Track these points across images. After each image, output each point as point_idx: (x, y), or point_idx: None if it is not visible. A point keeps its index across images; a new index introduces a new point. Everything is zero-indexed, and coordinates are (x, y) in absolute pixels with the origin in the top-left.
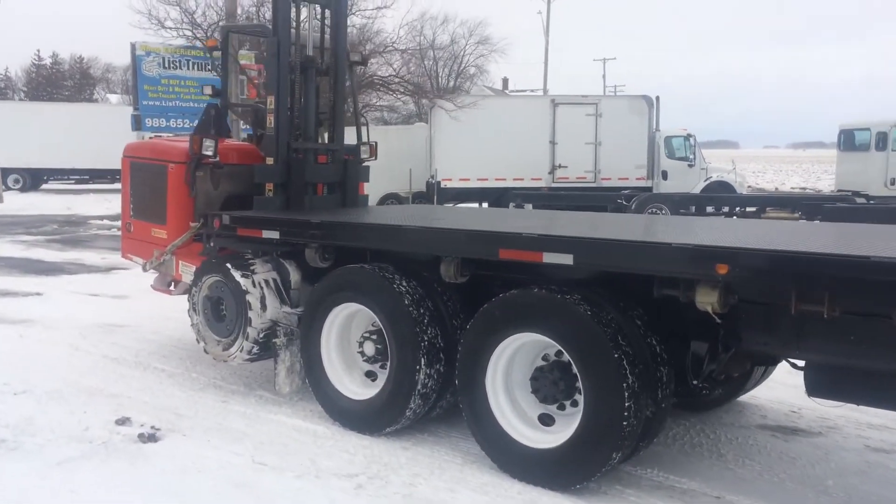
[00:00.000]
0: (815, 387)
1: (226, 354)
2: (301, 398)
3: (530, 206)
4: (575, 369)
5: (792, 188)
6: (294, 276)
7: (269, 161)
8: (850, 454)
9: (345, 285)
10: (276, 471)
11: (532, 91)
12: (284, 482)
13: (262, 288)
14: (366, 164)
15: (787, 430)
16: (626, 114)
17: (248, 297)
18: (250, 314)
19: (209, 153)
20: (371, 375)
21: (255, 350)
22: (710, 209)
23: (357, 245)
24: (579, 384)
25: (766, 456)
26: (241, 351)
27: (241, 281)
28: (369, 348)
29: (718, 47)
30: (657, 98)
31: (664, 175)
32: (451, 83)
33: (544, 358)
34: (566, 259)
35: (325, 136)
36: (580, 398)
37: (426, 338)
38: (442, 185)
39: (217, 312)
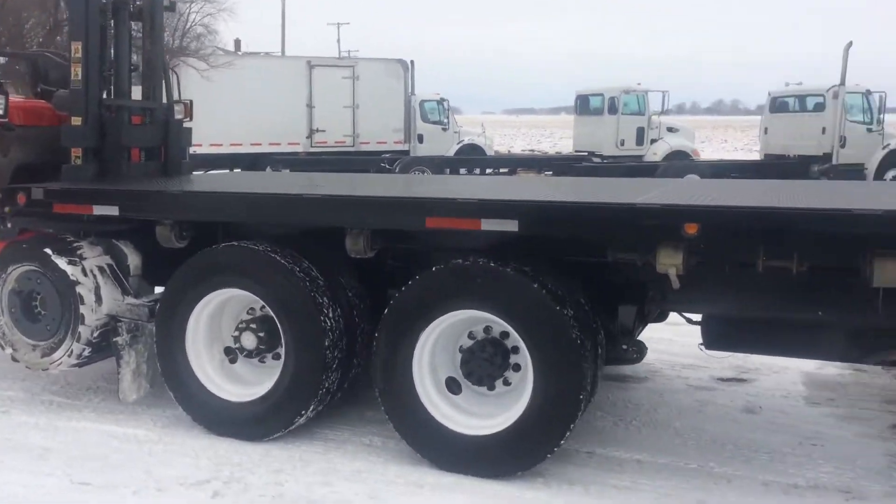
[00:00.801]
0: (713, 339)
1: (46, 361)
2: (103, 399)
3: (288, 171)
4: (522, 346)
5: (532, 150)
6: (133, 259)
7: (76, 121)
8: (681, 395)
9: (223, 268)
10: (105, 489)
11: (266, 54)
12: (121, 502)
13: (95, 277)
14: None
15: (619, 378)
16: (382, 77)
17: (79, 289)
18: (82, 310)
19: None
20: (251, 373)
21: (86, 353)
22: (463, 171)
23: (246, 220)
24: (523, 362)
25: (613, 405)
26: (68, 355)
27: (68, 269)
28: (249, 340)
29: (443, 18)
30: (412, 62)
31: (420, 139)
32: (176, 43)
33: (471, 336)
34: (510, 226)
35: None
36: (518, 376)
37: (330, 324)
38: (191, 151)
39: (29, 310)
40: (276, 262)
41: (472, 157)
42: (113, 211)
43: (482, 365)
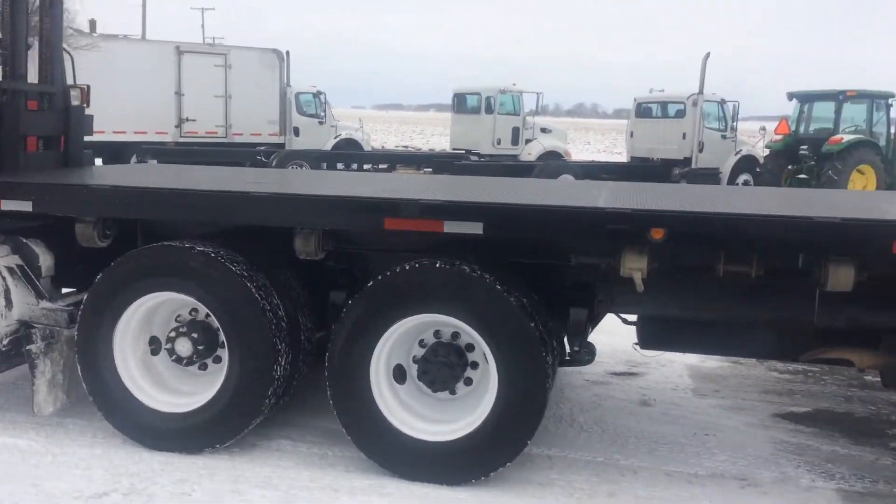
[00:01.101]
0: (648, 339)
1: None
2: None
3: (155, 161)
4: (485, 350)
5: (406, 146)
6: (45, 260)
7: None
8: (580, 390)
9: (159, 269)
10: None
11: (125, 36)
12: None
13: (3, 279)
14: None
15: None
16: (256, 67)
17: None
18: (25, 318)
19: None
20: (187, 381)
21: None
22: (340, 166)
23: (189, 218)
24: (483, 365)
25: None
26: None
27: None
28: (184, 347)
29: (313, 7)
30: (287, 53)
31: (296, 132)
32: None
33: (421, 343)
34: (474, 228)
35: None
36: (480, 379)
37: (278, 328)
38: None
39: None
40: (218, 264)
41: (351, 153)
42: (25, 206)
43: (439, 369)
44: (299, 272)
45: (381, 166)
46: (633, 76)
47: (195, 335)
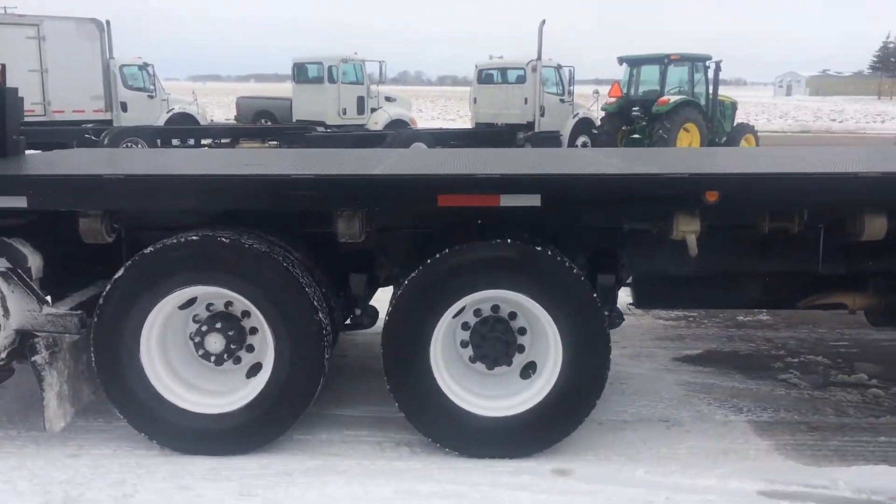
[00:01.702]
0: (643, 298)
1: None
2: None
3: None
4: (550, 327)
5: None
6: (34, 261)
7: None
8: None
9: (196, 264)
10: None
11: None
12: None
13: None
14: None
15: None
16: (74, 38)
17: (16, 302)
18: (27, 326)
19: None
20: (216, 379)
21: None
22: (176, 142)
23: (233, 207)
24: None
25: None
26: None
27: None
28: (215, 343)
29: None
30: (107, 22)
31: (123, 107)
32: None
33: (476, 313)
34: (532, 200)
35: None
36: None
37: (323, 314)
38: None
39: None
40: (262, 255)
41: (189, 127)
42: (18, 203)
43: (494, 346)
44: (325, 255)
45: (223, 140)
46: (455, 45)
47: (227, 330)
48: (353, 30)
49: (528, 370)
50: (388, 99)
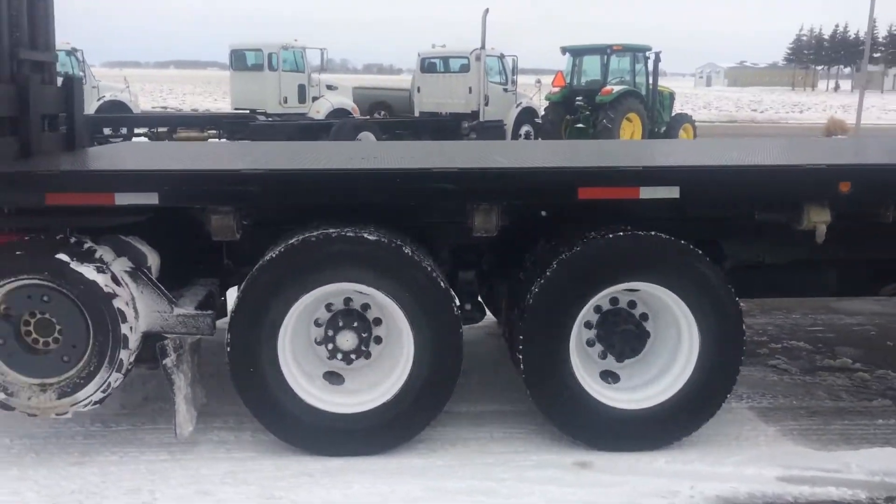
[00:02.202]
0: (741, 287)
1: (66, 403)
2: None
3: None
4: (685, 321)
5: (164, 107)
6: (152, 259)
7: None
8: None
9: (335, 261)
10: None
11: None
12: None
13: (128, 285)
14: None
15: None
16: None
17: (117, 303)
18: (123, 329)
19: None
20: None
21: (118, 383)
22: (107, 130)
23: (359, 200)
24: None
25: None
26: (102, 390)
27: (99, 279)
28: (348, 340)
29: None
30: None
31: None
32: None
33: (596, 309)
34: (671, 192)
35: None
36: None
37: (457, 308)
38: None
39: (20, 340)
40: (405, 251)
41: (122, 116)
42: (149, 199)
43: (621, 337)
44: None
45: (159, 130)
46: (384, 33)
47: (359, 328)
48: (259, 15)
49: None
50: (329, 87)
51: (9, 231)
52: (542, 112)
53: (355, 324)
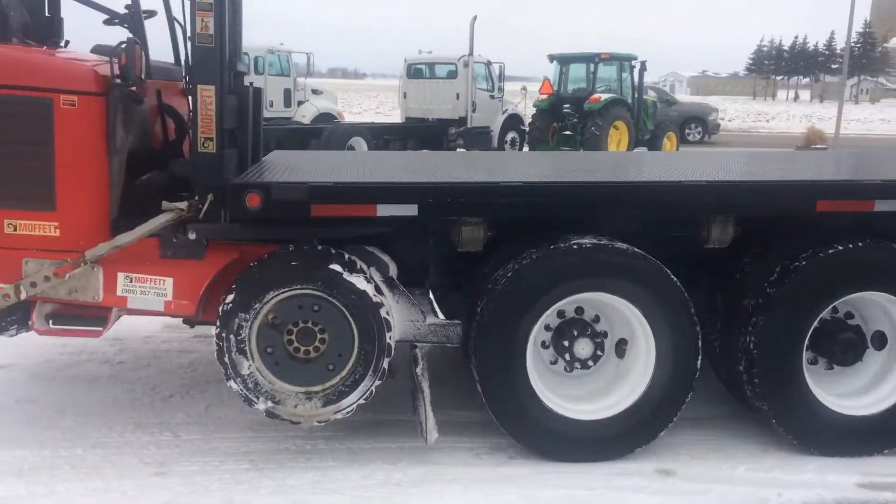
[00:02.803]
0: None
1: (330, 410)
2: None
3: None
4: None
5: None
6: (392, 270)
7: (207, 92)
8: None
9: (589, 271)
10: None
11: None
12: None
13: (386, 295)
14: None
15: None
16: None
17: (383, 312)
18: (387, 338)
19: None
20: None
21: (375, 390)
22: None
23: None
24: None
25: None
26: (365, 398)
27: (368, 289)
28: (584, 349)
29: None
30: None
31: None
32: None
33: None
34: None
35: None
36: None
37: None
38: None
39: (285, 349)
40: (654, 262)
41: None
42: (409, 211)
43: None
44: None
45: None
46: (343, 37)
47: (594, 336)
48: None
49: None
50: (314, 92)
51: (252, 242)
52: (528, 119)
53: (588, 331)
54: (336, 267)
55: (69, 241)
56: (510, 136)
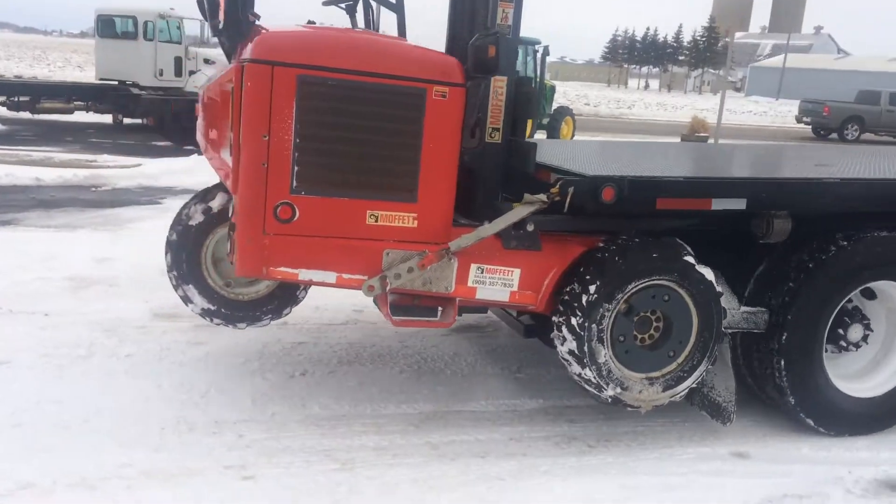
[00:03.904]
0: None
1: (667, 395)
2: None
3: None
4: None
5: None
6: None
7: (500, 83)
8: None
9: (889, 258)
10: None
11: None
12: None
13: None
14: None
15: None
16: None
17: (722, 301)
18: (723, 325)
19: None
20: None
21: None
22: None
23: None
24: None
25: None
26: (695, 382)
27: (712, 279)
28: (855, 332)
29: None
30: None
31: None
32: None
33: None
34: None
35: None
36: None
37: None
38: None
39: (634, 338)
40: None
41: None
42: (738, 204)
43: None
44: None
45: (21, 98)
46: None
47: (864, 320)
48: None
49: None
50: (206, 61)
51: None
52: None
53: (859, 316)
54: (689, 258)
55: (424, 233)
56: None
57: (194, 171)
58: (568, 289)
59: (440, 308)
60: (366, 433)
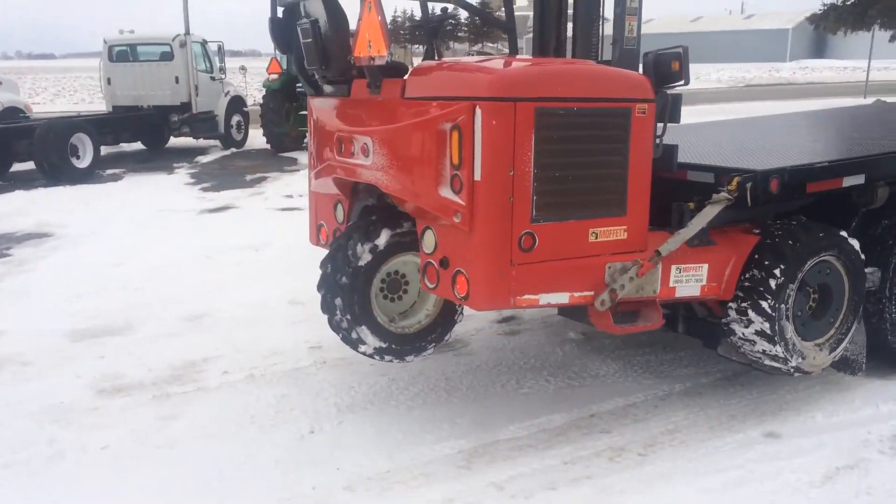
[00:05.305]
0: None
1: (830, 358)
2: None
3: None
4: None
5: None
6: None
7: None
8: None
9: None
10: None
11: None
12: None
13: None
14: None
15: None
16: None
17: (866, 268)
18: (865, 287)
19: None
20: None
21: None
22: None
23: None
24: None
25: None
26: (848, 341)
27: (859, 249)
28: None
29: None
30: None
31: None
32: None
33: None
34: None
35: None
36: None
37: None
38: None
39: (806, 307)
40: None
41: None
42: (858, 180)
43: None
44: None
45: None
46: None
47: None
48: None
49: None
50: None
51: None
52: (252, 100)
53: None
54: (843, 233)
55: (633, 243)
56: (235, 119)
57: (29, 212)
58: (748, 275)
59: (654, 312)
60: (418, 487)
